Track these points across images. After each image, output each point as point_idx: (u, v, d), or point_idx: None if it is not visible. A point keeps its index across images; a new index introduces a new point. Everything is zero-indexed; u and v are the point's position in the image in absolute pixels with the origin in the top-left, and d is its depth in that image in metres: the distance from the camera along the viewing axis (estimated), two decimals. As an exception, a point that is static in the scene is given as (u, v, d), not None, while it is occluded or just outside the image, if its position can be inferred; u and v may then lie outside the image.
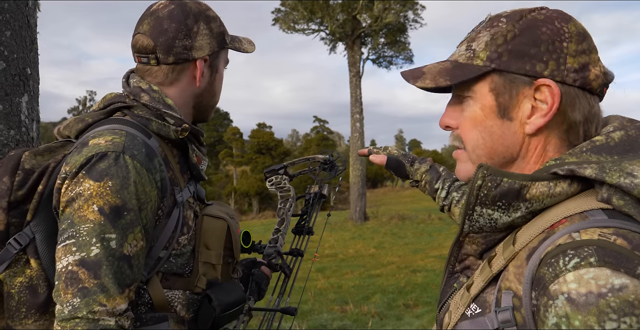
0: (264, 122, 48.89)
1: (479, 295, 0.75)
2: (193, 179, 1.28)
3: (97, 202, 1.00)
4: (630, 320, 0.55)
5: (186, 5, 1.22)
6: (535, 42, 0.74)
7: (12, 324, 1.08)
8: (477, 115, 0.79)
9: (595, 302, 0.56)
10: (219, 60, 1.29)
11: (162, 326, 1.12)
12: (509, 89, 0.76)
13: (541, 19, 0.75)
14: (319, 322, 5.46)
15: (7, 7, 1.67)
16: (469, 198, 0.74)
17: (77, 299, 0.95)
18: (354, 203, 17.91)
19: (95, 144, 1.06)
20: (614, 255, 0.59)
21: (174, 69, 1.21)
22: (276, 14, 19.57)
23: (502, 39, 0.75)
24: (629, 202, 0.65)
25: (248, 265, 1.59)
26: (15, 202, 1.09)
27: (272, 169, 1.88)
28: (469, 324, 0.73)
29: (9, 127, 1.67)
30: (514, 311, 0.67)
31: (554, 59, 0.73)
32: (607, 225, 0.64)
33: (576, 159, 0.71)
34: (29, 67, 1.76)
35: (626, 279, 0.57)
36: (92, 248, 0.98)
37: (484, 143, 0.79)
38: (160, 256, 1.14)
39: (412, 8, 18.92)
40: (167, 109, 1.18)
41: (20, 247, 1.08)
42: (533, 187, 0.70)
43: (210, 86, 1.28)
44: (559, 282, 0.60)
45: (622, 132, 0.73)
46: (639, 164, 0.67)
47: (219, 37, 1.26)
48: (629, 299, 0.55)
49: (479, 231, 0.77)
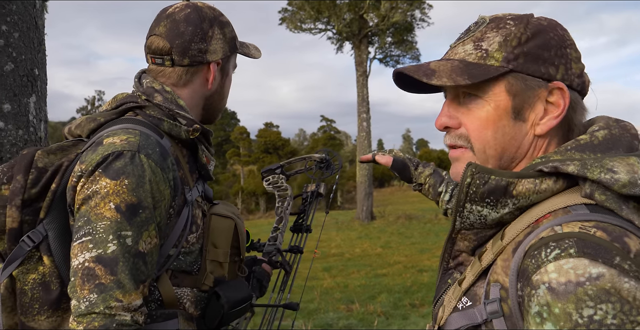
0: (271, 122, 48.96)
1: (469, 289, 0.77)
2: (201, 179, 1.30)
3: (114, 200, 1.01)
4: (606, 307, 0.57)
5: (202, 9, 1.25)
6: (547, 46, 0.76)
7: (25, 320, 1.09)
8: (489, 115, 0.79)
9: (573, 290, 0.59)
10: (229, 64, 1.33)
11: (172, 323, 1.13)
12: (525, 91, 0.77)
13: (545, 25, 0.78)
14: (325, 321, 5.47)
15: (15, 9, 1.70)
16: (459, 195, 0.76)
17: (94, 294, 0.97)
18: (360, 202, 17.91)
19: (111, 143, 1.07)
20: (593, 247, 0.61)
21: (187, 71, 1.24)
22: (283, 13, 19.61)
23: (516, 41, 0.77)
24: (610, 197, 0.68)
25: (249, 263, 1.61)
26: (28, 200, 1.10)
27: (269, 168, 1.90)
28: (459, 316, 0.76)
29: (18, 127, 1.70)
30: (501, 302, 0.69)
31: (563, 64, 0.77)
32: (588, 219, 0.66)
33: (560, 156, 0.74)
34: (36, 68, 1.79)
35: (603, 268, 0.59)
36: (109, 245, 0.99)
37: (496, 143, 0.80)
38: (170, 254, 1.16)
39: (419, 7, 18.89)
40: (180, 109, 1.20)
41: (33, 244, 1.09)
42: (519, 184, 0.73)
43: (220, 89, 1.32)
44: (541, 273, 0.62)
45: (606, 131, 0.76)
46: (619, 160, 0.69)
47: (232, 42, 1.30)
48: (606, 287, 0.58)
49: (470, 228, 0.79)
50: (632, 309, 0.57)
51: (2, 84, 1.65)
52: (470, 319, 0.74)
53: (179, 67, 1.23)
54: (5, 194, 1.11)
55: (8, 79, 1.67)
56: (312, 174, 1.93)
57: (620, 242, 0.63)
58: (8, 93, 1.67)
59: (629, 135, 0.76)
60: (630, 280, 0.59)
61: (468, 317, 0.74)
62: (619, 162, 0.69)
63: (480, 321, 0.72)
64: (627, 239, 0.63)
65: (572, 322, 0.58)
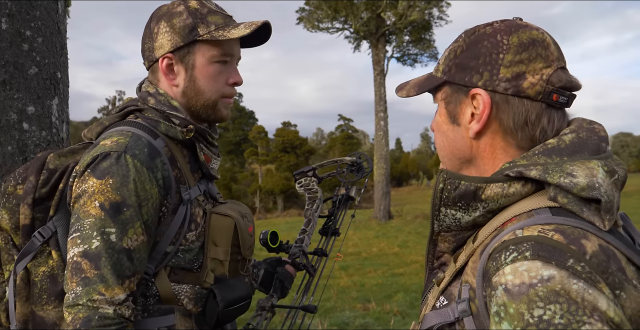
0: (288, 121, 49.12)
1: (446, 288, 0.82)
2: (204, 178, 1.32)
3: (99, 199, 1.07)
4: (555, 307, 0.60)
5: (160, 9, 1.27)
6: (475, 55, 0.81)
7: (35, 309, 1.17)
8: (438, 121, 0.90)
9: (526, 291, 0.62)
10: (192, 55, 1.22)
11: (168, 318, 1.18)
12: (454, 98, 0.85)
13: (488, 33, 0.82)
14: (341, 320, 5.49)
15: (39, 15, 1.76)
16: (434, 200, 0.81)
17: (80, 287, 1.03)
18: (378, 201, 17.87)
19: (102, 145, 1.13)
20: (548, 250, 0.64)
21: (152, 70, 1.28)
22: (300, 13, 19.65)
23: (453, 53, 0.85)
24: (571, 200, 0.70)
25: (273, 263, 1.63)
26: (39, 198, 1.17)
27: (301, 171, 1.91)
28: (434, 314, 0.80)
29: (41, 128, 1.76)
30: (470, 302, 0.74)
31: (488, 70, 0.80)
32: (549, 222, 0.69)
33: (526, 161, 0.77)
34: (59, 71, 1.85)
35: (554, 270, 0.62)
36: (93, 241, 1.05)
37: (444, 146, 0.89)
38: (167, 251, 1.19)
39: (437, 5, 18.73)
40: (173, 110, 1.23)
41: (43, 239, 1.16)
42: (488, 189, 0.76)
43: (191, 84, 1.24)
44: (499, 274, 0.66)
45: (574, 135, 0.78)
46: (579, 164, 0.72)
47: (184, 31, 1.20)
48: (556, 289, 0.61)
49: (448, 230, 0.84)
50: (579, 309, 0.60)
51: (26, 87, 1.72)
52: (443, 318, 0.78)
53: (148, 69, 1.29)
54: (19, 193, 1.19)
55: (32, 82, 1.73)
56: (342, 177, 1.95)
57: (577, 244, 0.66)
58: (32, 96, 1.73)
59: (597, 138, 0.78)
60: (579, 282, 0.61)
61: (441, 316, 0.78)
62: (578, 166, 0.72)
63: (452, 319, 0.76)
64: (584, 240, 0.66)
65: (524, 321, 0.61)
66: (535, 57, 0.78)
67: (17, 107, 1.69)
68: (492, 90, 0.79)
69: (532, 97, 0.78)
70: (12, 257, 1.20)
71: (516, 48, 0.78)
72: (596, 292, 0.61)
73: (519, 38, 0.79)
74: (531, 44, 0.79)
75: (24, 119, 1.71)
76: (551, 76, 0.78)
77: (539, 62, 0.78)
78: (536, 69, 0.78)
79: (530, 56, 0.78)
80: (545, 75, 0.78)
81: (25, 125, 1.71)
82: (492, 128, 0.81)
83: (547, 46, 0.79)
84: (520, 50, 0.78)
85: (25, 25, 1.71)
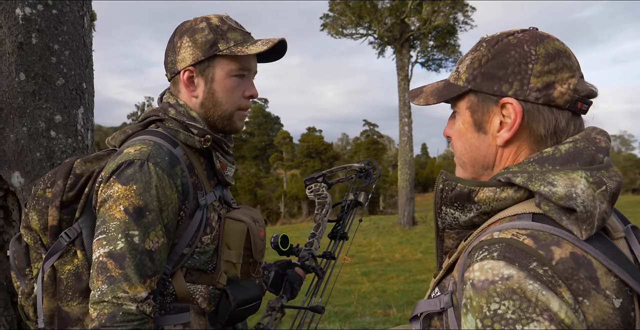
0: (314, 126, 49.28)
1: (440, 281, 0.87)
2: (220, 185, 1.39)
3: (123, 203, 1.14)
4: (509, 303, 0.66)
5: (183, 24, 1.35)
6: (503, 65, 0.83)
7: (61, 304, 1.26)
8: (460, 128, 0.91)
9: (487, 287, 0.68)
10: (212, 69, 1.31)
11: (184, 316, 1.26)
12: (482, 107, 0.87)
13: (513, 43, 0.84)
14: (362, 325, 5.51)
15: (66, 29, 1.87)
16: (435, 199, 0.87)
17: (105, 285, 1.10)
18: (402, 207, 17.78)
19: (126, 153, 1.21)
20: (515, 252, 0.69)
21: (173, 82, 1.37)
22: (324, 19, 19.79)
23: (477, 62, 0.86)
24: (552, 208, 0.74)
25: (283, 266, 1.70)
26: (66, 201, 1.26)
27: (312, 177, 1.97)
28: (425, 302, 0.87)
29: (67, 136, 1.87)
30: (452, 294, 0.80)
31: (518, 80, 0.82)
32: (526, 227, 0.74)
33: (518, 168, 0.80)
34: (84, 82, 1.96)
35: (515, 270, 0.67)
36: (118, 242, 1.12)
37: (466, 152, 0.91)
38: (184, 253, 1.27)
39: (461, 10, 18.63)
40: (191, 120, 1.31)
41: (69, 239, 1.25)
42: (481, 192, 0.81)
43: (210, 96, 1.32)
44: (469, 271, 0.72)
45: (571, 144, 0.81)
46: (562, 174, 0.75)
47: (205, 46, 1.28)
48: (513, 287, 0.66)
49: (450, 228, 0.89)
50: (530, 307, 0.65)
51: (54, 97, 1.82)
52: (431, 306, 0.84)
53: (170, 81, 1.37)
54: (48, 196, 1.27)
55: (59, 92, 1.84)
56: (351, 183, 2.00)
57: (546, 249, 0.70)
58: (59, 105, 1.84)
59: (594, 149, 0.80)
60: (536, 283, 0.66)
61: (430, 305, 0.85)
62: (560, 176, 0.75)
63: (439, 309, 0.82)
64: (554, 247, 0.70)
65: (482, 314, 0.67)
66: (562, 68, 0.81)
67: (45, 116, 1.80)
68: (524, 100, 0.81)
69: (561, 106, 0.81)
70: (40, 255, 1.29)
71: (544, 58, 0.81)
72: (550, 294, 0.65)
73: (545, 48, 0.82)
74: (557, 55, 0.82)
75: (52, 127, 1.82)
76: (577, 85, 0.81)
77: (566, 72, 0.81)
78: (563, 79, 0.81)
79: (558, 66, 0.81)
80: (572, 85, 0.81)
81: (53, 133, 1.82)
82: (521, 136, 0.84)
83: (570, 56, 0.83)
84: (548, 61, 0.81)
85: (53, 40, 1.82)
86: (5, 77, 1.74)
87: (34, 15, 1.77)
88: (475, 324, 0.67)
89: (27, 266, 1.31)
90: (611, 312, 0.69)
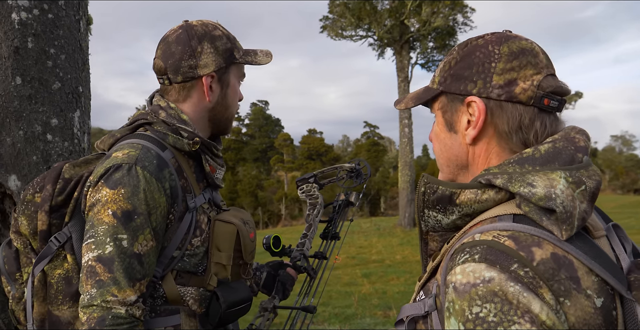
0: (314, 128, 49.31)
1: (425, 284, 0.87)
2: (209, 187, 1.40)
3: (112, 207, 1.15)
4: (490, 306, 0.66)
5: (192, 28, 1.34)
6: (469, 65, 0.86)
7: (52, 309, 1.26)
8: (436, 129, 0.95)
9: (468, 290, 0.68)
10: (228, 75, 1.38)
11: (174, 318, 1.27)
12: (451, 107, 0.89)
13: (480, 44, 0.86)
14: (362, 327, 5.51)
15: (62, 34, 1.89)
16: (418, 202, 0.87)
17: (94, 289, 1.11)
18: (402, 209, 17.78)
19: (114, 157, 1.21)
20: (496, 254, 0.69)
21: (184, 86, 1.35)
22: (324, 21, 19.81)
23: (448, 65, 0.89)
24: (532, 209, 0.74)
25: (275, 266, 1.71)
26: (56, 206, 1.26)
27: (303, 178, 1.98)
28: (410, 306, 0.87)
29: (64, 139, 1.88)
30: (436, 298, 0.80)
31: (481, 78, 0.84)
32: (507, 229, 0.74)
33: (498, 170, 0.80)
34: (81, 85, 1.97)
35: (496, 273, 0.67)
36: (107, 246, 1.13)
37: (441, 153, 0.94)
38: (174, 255, 1.28)
39: (461, 11, 18.65)
40: (182, 123, 1.32)
41: (59, 244, 1.25)
42: (462, 194, 0.81)
43: (222, 100, 1.38)
44: (451, 274, 0.72)
45: (550, 145, 0.81)
46: (541, 175, 0.75)
47: (225, 54, 1.35)
48: (495, 289, 0.66)
49: (433, 230, 0.89)
50: (511, 309, 0.65)
51: (50, 101, 1.84)
52: (415, 310, 0.84)
53: (176, 84, 1.35)
54: (37, 201, 1.28)
55: (55, 96, 1.85)
56: (342, 183, 2.01)
57: (526, 251, 0.70)
58: (55, 109, 1.85)
59: (573, 148, 0.80)
60: (517, 285, 0.66)
61: (414, 309, 0.84)
62: (540, 176, 0.75)
63: (423, 313, 0.81)
64: (535, 248, 0.70)
65: (465, 317, 0.67)
66: (526, 65, 0.82)
67: (41, 120, 1.81)
68: (487, 97, 0.83)
69: (524, 102, 0.82)
70: (30, 260, 1.30)
71: (507, 57, 0.82)
72: (531, 296, 0.66)
73: (509, 47, 0.83)
74: (521, 53, 0.83)
75: (48, 131, 1.83)
76: (541, 82, 0.82)
77: (529, 69, 0.82)
78: (527, 76, 0.82)
79: (521, 64, 0.82)
80: (536, 81, 0.81)
81: (49, 137, 1.83)
82: (487, 133, 0.85)
83: (536, 54, 0.84)
84: (511, 59, 0.82)
85: (49, 44, 1.84)
86: (2, 81, 1.75)
87: (30, 20, 1.79)
88: (457, 327, 0.68)
89: (18, 271, 1.32)
90: (592, 312, 0.69)
